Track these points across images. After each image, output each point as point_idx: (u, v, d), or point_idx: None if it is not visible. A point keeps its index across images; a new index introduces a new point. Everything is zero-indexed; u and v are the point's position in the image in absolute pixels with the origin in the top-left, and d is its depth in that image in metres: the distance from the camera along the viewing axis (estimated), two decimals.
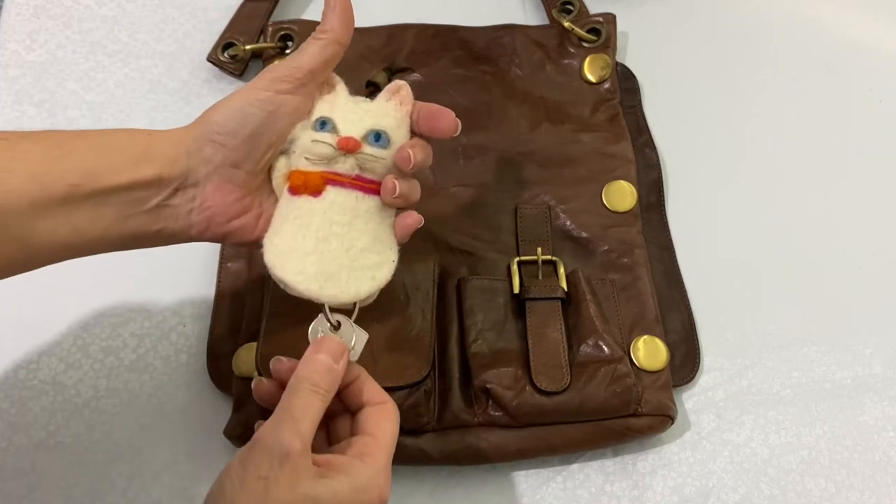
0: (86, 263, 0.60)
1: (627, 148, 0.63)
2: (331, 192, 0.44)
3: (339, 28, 0.44)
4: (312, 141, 0.44)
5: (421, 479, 0.54)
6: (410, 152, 0.44)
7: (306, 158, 0.44)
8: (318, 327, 0.44)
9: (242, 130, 0.43)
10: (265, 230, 0.45)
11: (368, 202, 0.45)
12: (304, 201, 0.44)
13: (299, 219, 0.44)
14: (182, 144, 0.43)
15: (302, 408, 0.39)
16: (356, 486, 0.39)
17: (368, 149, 0.44)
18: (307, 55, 0.44)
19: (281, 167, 0.45)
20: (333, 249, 0.44)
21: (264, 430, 0.38)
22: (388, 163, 0.45)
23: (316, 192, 0.44)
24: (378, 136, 0.44)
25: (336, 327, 0.45)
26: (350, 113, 0.45)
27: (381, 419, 0.43)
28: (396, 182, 0.44)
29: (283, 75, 0.43)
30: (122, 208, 0.41)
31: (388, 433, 0.42)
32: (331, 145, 0.43)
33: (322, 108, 0.45)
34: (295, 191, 0.44)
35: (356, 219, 0.44)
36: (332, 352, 0.42)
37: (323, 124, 0.44)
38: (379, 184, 0.45)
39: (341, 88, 0.46)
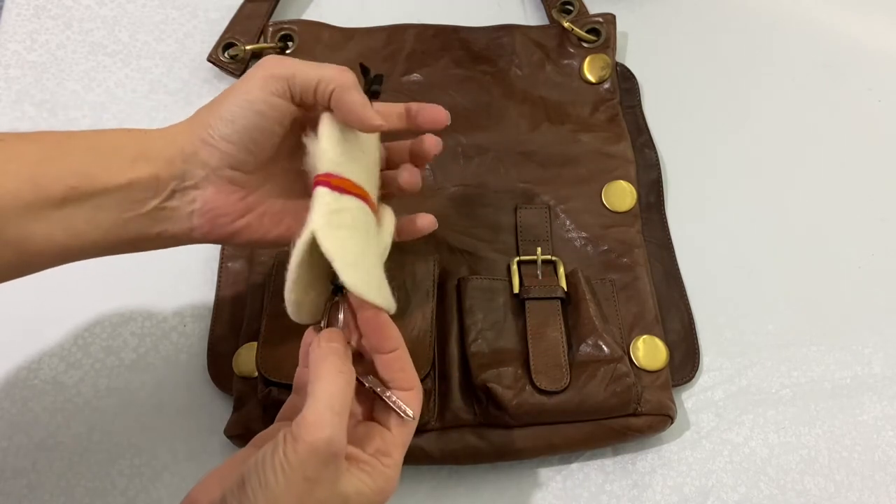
0: (87, 263, 0.60)
1: (627, 148, 0.63)
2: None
3: (354, 81, 0.43)
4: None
5: (421, 478, 0.54)
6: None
7: None
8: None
9: (234, 135, 0.42)
10: (271, 228, 0.45)
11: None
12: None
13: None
14: (177, 145, 0.42)
15: (340, 399, 0.37)
16: (376, 487, 0.38)
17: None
18: (315, 67, 0.42)
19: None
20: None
21: (306, 425, 0.36)
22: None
23: None
24: None
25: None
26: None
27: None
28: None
29: (278, 74, 0.42)
30: (120, 210, 0.41)
31: (408, 430, 0.41)
32: None
33: None
34: None
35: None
36: (339, 339, 0.41)
37: None
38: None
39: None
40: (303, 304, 0.43)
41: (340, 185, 0.42)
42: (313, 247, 0.40)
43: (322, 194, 0.41)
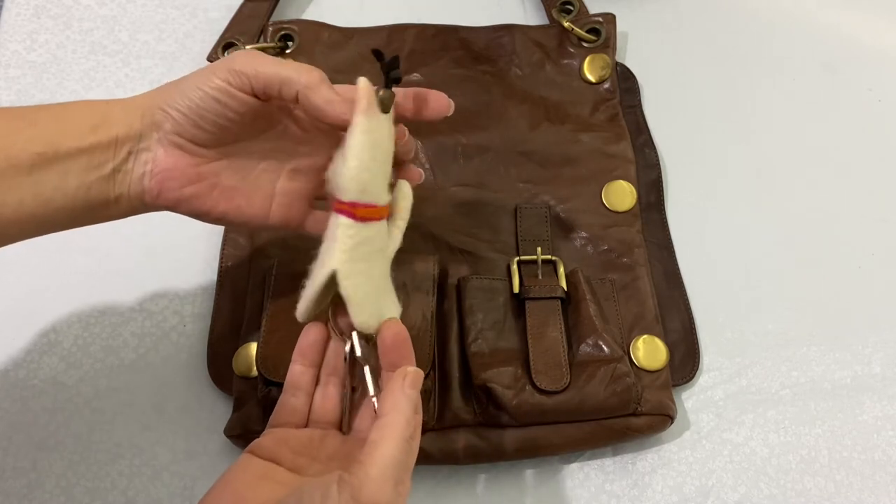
0: (87, 262, 0.60)
1: (627, 148, 0.63)
2: None
3: (320, 77, 0.43)
4: None
5: (421, 478, 0.54)
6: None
7: None
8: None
9: (188, 111, 0.43)
10: (220, 202, 0.46)
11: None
12: None
13: None
14: (137, 110, 0.44)
15: (406, 465, 0.38)
16: None
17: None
18: (280, 67, 0.43)
19: None
20: None
21: (369, 484, 0.36)
22: None
23: None
24: None
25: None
26: None
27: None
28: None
29: (240, 70, 0.43)
30: (85, 175, 0.42)
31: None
32: None
33: None
34: None
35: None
36: (418, 385, 0.41)
37: None
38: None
39: None
40: (312, 312, 0.45)
41: (365, 216, 0.42)
42: (332, 277, 0.42)
43: (346, 226, 0.42)
